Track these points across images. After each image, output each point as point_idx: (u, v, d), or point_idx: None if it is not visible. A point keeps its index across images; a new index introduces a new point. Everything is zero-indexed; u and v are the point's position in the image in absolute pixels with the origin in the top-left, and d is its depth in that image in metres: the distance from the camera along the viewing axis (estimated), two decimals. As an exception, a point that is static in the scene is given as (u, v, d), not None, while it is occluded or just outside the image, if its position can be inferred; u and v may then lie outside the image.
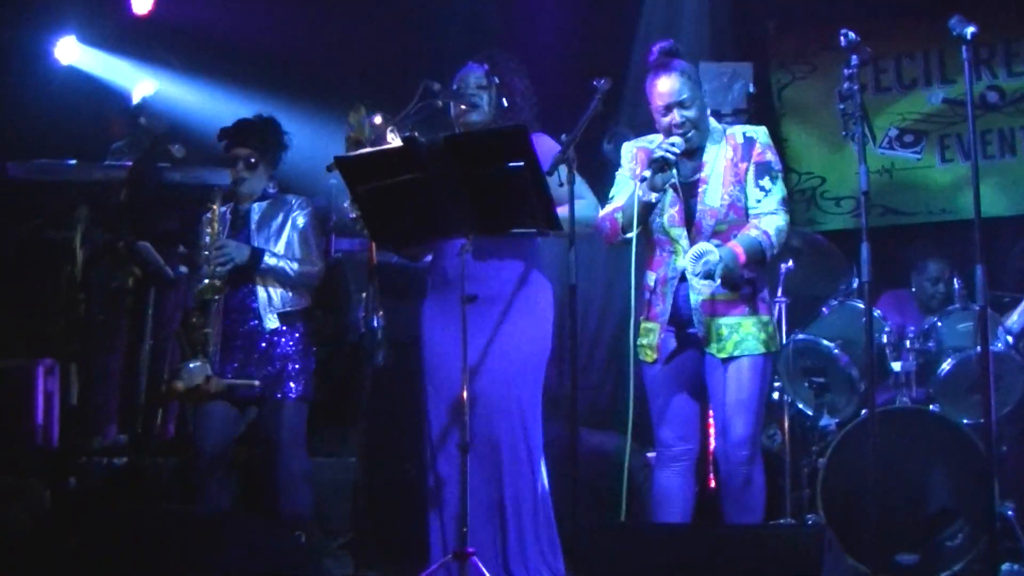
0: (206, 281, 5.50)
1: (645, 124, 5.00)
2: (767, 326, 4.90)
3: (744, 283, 4.84)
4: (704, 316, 4.83)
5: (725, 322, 4.83)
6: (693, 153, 4.89)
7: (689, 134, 4.83)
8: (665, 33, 7.55)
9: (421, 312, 5.35)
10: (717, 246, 4.73)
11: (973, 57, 4.69)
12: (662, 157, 4.72)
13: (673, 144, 4.74)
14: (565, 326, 4.99)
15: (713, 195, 4.82)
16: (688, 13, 7.79)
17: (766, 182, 4.87)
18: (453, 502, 5.05)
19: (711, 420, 5.76)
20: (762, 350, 4.86)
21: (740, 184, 4.85)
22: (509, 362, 5.15)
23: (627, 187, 4.95)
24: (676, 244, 4.86)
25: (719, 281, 4.67)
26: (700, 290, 4.78)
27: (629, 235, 4.85)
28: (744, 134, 4.93)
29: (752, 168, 4.87)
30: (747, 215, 4.86)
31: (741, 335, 4.83)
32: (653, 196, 4.79)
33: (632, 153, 5.05)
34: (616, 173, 5.07)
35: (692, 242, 4.80)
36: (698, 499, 6.22)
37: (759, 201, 4.86)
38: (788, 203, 4.95)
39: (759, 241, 4.79)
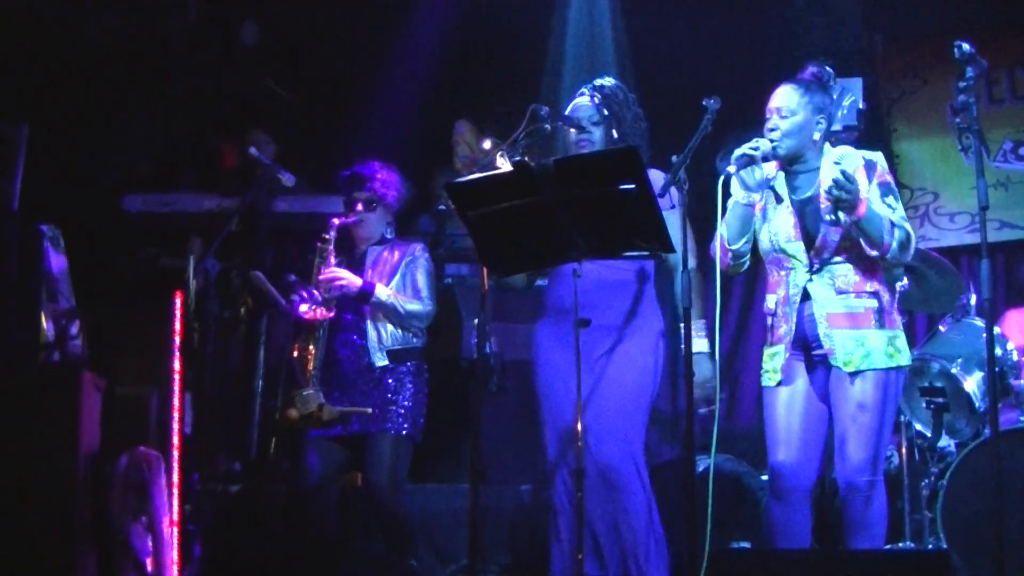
0: (314, 306, 5.54)
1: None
2: (895, 339, 4.80)
3: (868, 295, 4.77)
4: (829, 328, 4.75)
5: (851, 335, 4.74)
6: (793, 162, 4.85)
7: (777, 142, 4.80)
8: (778, 51, 7.53)
9: (534, 336, 5.34)
10: (840, 261, 4.74)
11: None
12: (744, 154, 4.71)
13: (756, 146, 4.74)
14: (679, 350, 4.96)
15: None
16: (799, 30, 7.74)
17: (891, 200, 4.80)
18: (568, 529, 5.02)
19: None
20: (889, 364, 4.75)
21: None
22: (619, 390, 5.12)
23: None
24: (794, 260, 4.81)
25: (841, 195, 4.54)
26: (828, 303, 4.73)
27: (735, 247, 4.84)
28: (864, 157, 4.87)
29: (876, 188, 4.79)
30: None
31: (868, 348, 4.73)
32: (752, 197, 4.79)
33: None
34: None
35: (811, 259, 4.75)
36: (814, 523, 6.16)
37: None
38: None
39: (882, 219, 4.66)
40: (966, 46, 4.65)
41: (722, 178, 4.74)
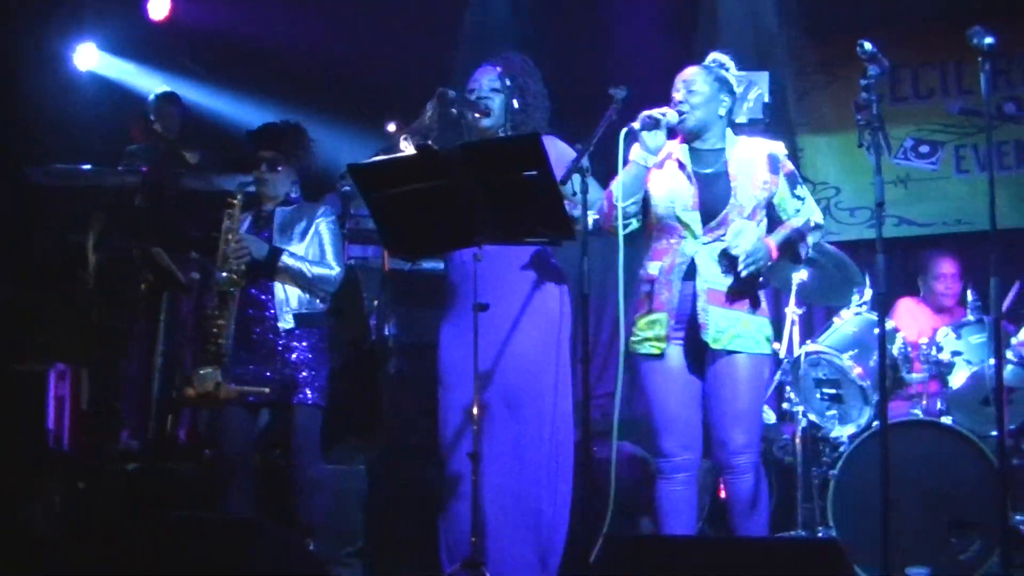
0: (224, 274, 5.52)
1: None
2: (764, 327, 4.91)
3: (749, 280, 4.85)
4: (706, 303, 4.82)
5: (726, 314, 4.83)
6: (696, 138, 4.95)
7: (686, 113, 4.89)
8: (683, 41, 7.58)
9: (439, 320, 5.35)
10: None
11: (992, 67, 4.66)
12: (650, 116, 4.80)
13: (664, 112, 4.83)
14: (578, 335, 4.99)
15: (744, 194, 4.85)
16: (705, 22, 7.79)
17: (800, 190, 5.01)
18: (465, 511, 5.04)
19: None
20: (760, 350, 4.87)
21: (770, 194, 4.94)
22: (523, 369, 5.14)
23: None
24: (688, 230, 4.87)
25: (744, 269, 4.74)
26: (711, 279, 4.82)
27: (622, 204, 4.86)
28: (769, 154, 4.98)
29: (783, 181, 4.97)
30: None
31: (740, 330, 4.83)
32: (650, 160, 4.84)
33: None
34: None
35: (705, 230, 4.83)
36: (709, 509, 6.24)
37: (798, 210, 4.98)
38: None
39: (796, 228, 4.93)
40: (868, 45, 4.71)
41: (624, 131, 4.80)
